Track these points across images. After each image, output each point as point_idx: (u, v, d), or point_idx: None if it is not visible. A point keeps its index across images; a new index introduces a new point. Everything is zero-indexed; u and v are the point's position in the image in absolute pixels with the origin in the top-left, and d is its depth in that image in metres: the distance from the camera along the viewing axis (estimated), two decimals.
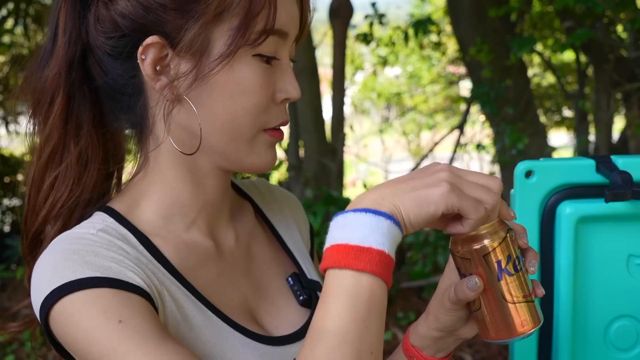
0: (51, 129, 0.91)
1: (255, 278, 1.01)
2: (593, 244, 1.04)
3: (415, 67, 12.81)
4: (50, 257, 0.83)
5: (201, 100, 0.86)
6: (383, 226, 0.73)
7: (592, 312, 1.06)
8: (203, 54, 0.84)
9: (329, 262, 0.73)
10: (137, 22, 0.85)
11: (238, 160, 0.91)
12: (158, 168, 0.93)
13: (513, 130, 5.01)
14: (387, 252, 0.72)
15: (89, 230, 0.87)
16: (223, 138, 0.88)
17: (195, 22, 0.83)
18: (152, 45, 0.85)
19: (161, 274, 0.88)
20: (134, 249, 0.87)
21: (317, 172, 5.60)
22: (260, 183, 1.15)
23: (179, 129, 0.90)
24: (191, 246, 0.94)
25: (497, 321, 0.84)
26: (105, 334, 0.77)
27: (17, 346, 4.22)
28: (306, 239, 1.15)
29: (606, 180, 1.02)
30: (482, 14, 5.38)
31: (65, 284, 0.79)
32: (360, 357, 0.70)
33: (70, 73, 0.89)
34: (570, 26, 5.18)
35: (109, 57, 0.88)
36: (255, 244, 1.05)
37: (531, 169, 1.03)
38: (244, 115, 0.87)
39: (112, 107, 0.92)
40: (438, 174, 0.76)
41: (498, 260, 0.81)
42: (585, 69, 6.50)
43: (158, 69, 0.86)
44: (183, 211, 0.94)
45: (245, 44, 0.84)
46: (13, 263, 5.59)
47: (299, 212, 1.17)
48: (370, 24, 5.56)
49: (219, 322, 0.90)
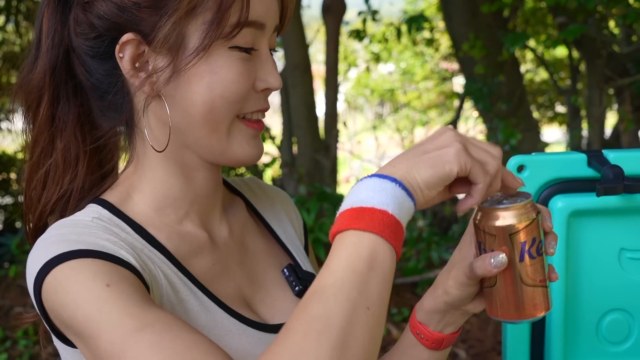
0: (39, 130, 0.94)
1: (249, 269, 1.02)
2: (585, 238, 1.04)
3: (408, 63, 12.82)
4: (43, 242, 0.84)
5: (180, 95, 0.88)
6: (387, 188, 0.72)
7: (584, 305, 1.06)
8: (179, 49, 0.86)
9: (334, 228, 0.73)
10: (112, 21, 0.87)
11: (222, 152, 0.91)
12: (148, 163, 0.95)
13: (506, 126, 5.02)
14: (390, 212, 0.71)
15: (84, 217, 0.89)
16: (204, 130, 0.89)
17: (169, 18, 0.85)
18: (128, 42, 0.87)
19: (157, 259, 0.89)
20: (129, 236, 0.89)
21: (311, 169, 5.60)
22: (250, 181, 1.16)
23: (161, 125, 0.91)
24: (185, 236, 0.95)
25: (509, 301, 0.84)
26: (92, 296, 0.76)
27: (11, 344, 4.21)
28: (300, 233, 1.16)
29: (598, 175, 1.02)
30: (475, 9, 5.39)
31: (55, 256, 0.80)
32: (355, 310, 0.67)
33: (54, 76, 0.93)
34: (563, 22, 5.19)
35: (90, 58, 0.91)
36: (248, 237, 1.06)
37: (523, 164, 1.03)
38: (223, 103, 0.88)
39: (101, 106, 0.94)
40: (447, 137, 0.76)
41: (523, 242, 0.81)
42: (577, 65, 6.52)
43: (137, 66, 0.88)
44: (175, 204, 0.96)
45: (220, 37, 0.86)
46: (5, 261, 5.57)
47: (291, 207, 1.18)
48: (363, 20, 5.56)
49: (214, 307, 0.91)
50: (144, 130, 0.92)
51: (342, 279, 0.69)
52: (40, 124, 0.94)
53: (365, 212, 0.71)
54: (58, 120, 0.94)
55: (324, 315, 0.66)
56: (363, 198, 0.72)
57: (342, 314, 0.67)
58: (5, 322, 4.46)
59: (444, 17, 6.01)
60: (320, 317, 0.66)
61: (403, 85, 13.05)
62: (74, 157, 0.95)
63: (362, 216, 0.71)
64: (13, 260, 5.28)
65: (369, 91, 13.40)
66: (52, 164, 0.95)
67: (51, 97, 0.93)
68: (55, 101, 0.94)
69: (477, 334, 4.05)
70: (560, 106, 9.02)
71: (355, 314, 0.67)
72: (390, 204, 0.72)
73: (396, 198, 0.72)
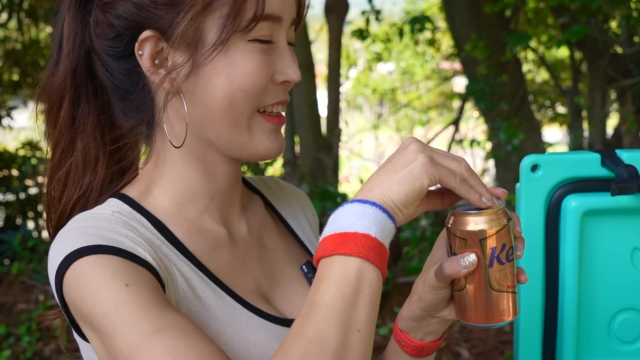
0: (60, 132, 0.96)
1: (268, 266, 1.03)
2: (598, 237, 1.05)
3: (408, 63, 12.82)
4: (64, 234, 0.86)
5: (200, 90, 0.89)
6: (368, 212, 0.75)
7: (597, 304, 1.07)
8: (197, 44, 0.87)
9: (318, 254, 0.76)
10: (130, 20, 0.89)
11: (243, 146, 0.92)
12: (169, 158, 0.96)
13: (508, 126, 5.02)
14: (373, 236, 0.74)
15: (105, 211, 0.90)
16: (224, 124, 0.90)
17: (186, 14, 0.86)
18: (146, 40, 0.89)
19: (174, 256, 0.90)
20: (147, 231, 0.90)
21: (313, 168, 5.61)
22: (268, 179, 1.17)
23: (180, 121, 0.92)
24: (204, 232, 0.96)
25: (478, 305, 0.85)
26: (111, 294, 0.78)
27: (14, 340, 4.21)
28: (316, 231, 1.17)
29: (611, 174, 1.02)
30: (478, 9, 5.39)
31: (76, 249, 0.81)
32: (347, 333, 0.71)
33: (74, 78, 0.94)
34: (565, 22, 5.20)
35: (111, 59, 0.93)
36: (266, 234, 1.07)
37: (537, 163, 1.03)
38: (242, 96, 0.89)
39: (123, 106, 0.96)
40: (411, 151, 0.79)
41: (493, 247, 0.82)
42: (579, 65, 6.52)
43: (157, 63, 0.90)
44: (195, 199, 0.97)
45: (237, 31, 0.87)
46: (7, 258, 5.57)
47: (308, 206, 1.19)
48: (366, 20, 5.56)
49: (232, 302, 0.92)
50: (164, 127, 0.94)
51: (333, 304, 0.72)
52: (61, 126, 0.96)
53: (349, 237, 0.74)
54: (78, 122, 0.96)
55: (319, 339, 0.70)
56: (346, 224, 0.75)
57: (336, 337, 0.70)
58: (9, 319, 4.46)
59: (446, 17, 6.01)
60: (315, 340, 0.70)
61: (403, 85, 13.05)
62: (93, 157, 0.97)
63: (347, 241, 0.74)
64: (15, 257, 5.28)
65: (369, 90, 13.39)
66: (72, 164, 0.97)
67: (72, 99, 0.95)
68: (76, 103, 0.95)
69: (480, 333, 4.06)
70: (561, 107, 9.02)
71: (348, 336, 0.71)
72: (372, 228, 0.74)
73: (378, 221, 0.75)
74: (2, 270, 5.12)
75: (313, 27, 8.25)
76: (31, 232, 5.99)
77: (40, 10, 6.72)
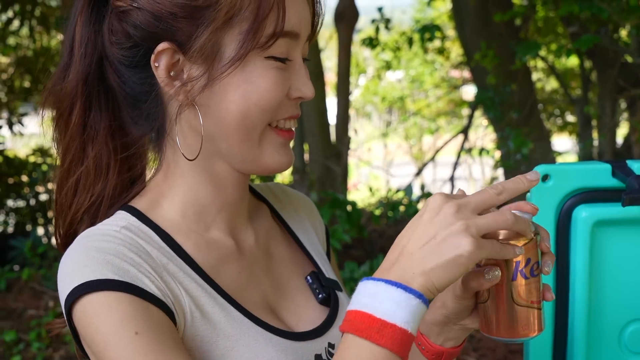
0: (71, 138, 0.95)
1: (274, 277, 1.03)
2: (609, 247, 1.05)
3: (417, 71, 12.83)
4: (73, 255, 0.86)
5: (215, 103, 0.89)
6: (412, 304, 0.74)
7: (607, 315, 1.07)
8: (214, 59, 0.87)
9: (351, 327, 0.75)
10: (148, 31, 0.88)
11: (253, 161, 0.92)
12: (179, 171, 0.96)
13: (518, 135, 5.02)
14: (410, 331, 0.74)
15: (112, 227, 0.90)
16: (236, 138, 0.90)
17: (206, 28, 0.85)
18: (163, 52, 0.88)
19: (181, 273, 0.90)
20: (155, 249, 0.89)
21: (322, 175, 5.61)
22: (275, 187, 1.17)
23: (193, 133, 0.92)
24: (212, 244, 0.96)
25: (500, 319, 0.84)
26: (121, 344, 0.79)
27: (24, 346, 4.22)
28: (322, 239, 1.17)
29: (622, 185, 1.02)
30: (487, 18, 5.39)
31: (85, 282, 0.82)
32: None
33: (86, 84, 0.93)
34: (575, 31, 5.19)
35: (125, 67, 0.91)
36: (273, 244, 1.06)
37: (548, 173, 1.03)
38: (257, 112, 0.89)
39: (132, 114, 0.95)
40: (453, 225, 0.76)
41: (518, 261, 0.81)
42: (589, 74, 6.51)
43: (172, 75, 0.89)
44: (204, 211, 0.97)
45: (256, 47, 0.86)
46: (16, 264, 5.59)
47: (314, 213, 1.19)
48: (376, 28, 5.57)
49: (240, 317, 0.92)
50: (176, 138, 0.93)
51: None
52: (72, 132, 0.95)
53: (387, 328, 0.73)
54: (89, 129, 0.95)
55: None
56: (386, 310, 0.74)
57: None
58: (19, 325, 4.47)
59: (455, 25, 6.03)
60: None
61: (412, 93, 13.05)
62: (105, 164, 0.96)
63: (384, 332, 0.73)
64: (25, 263, 5.30)
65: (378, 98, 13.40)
66: (83, 172, 0.96)
67: (83, 105, 0.94)
68: (88, 109, 0.94)
69: (489, 342, 4.05)
70: (570, 115, 9.00)
71: None
72: (411, 322, 0.74)
73: (418, 314, 0.74)
74: (12, 276, 5.14)
75: (323, 35, 8.27)
76: (41, 238, 6.02)
77: (52, 18, 6.77)
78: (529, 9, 5.49)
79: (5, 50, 7.22)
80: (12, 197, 6.76)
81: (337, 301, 1.05)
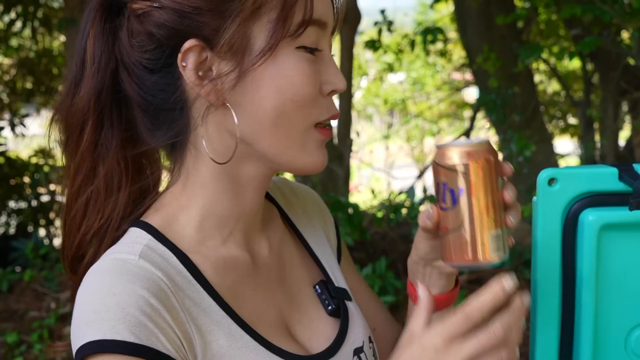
0: (82, 157, 0.90)
1: (288, 287, 1.00)
2: (615, 251, 1.05)
3: (419, 73, 12.84)
4: (92, 297, 0.81)
5: (248, 101, 0.85)
6: None
7: (614, 319, 1.06)
8: (244, 52, 0.83)
9: None
10: (173, 28, 0.83)
11: (290, 161, 0.89)
12: (200, 180, 0.91)
13: (520, 138, 5.02)
14: None
15: (130, 255, 0.84)
16: (274, 137, 0.87)
17: (233, 20, 0.82)
18: (190, 49, 0.83)
19: (196, 308, 0.85)
20: (172, 274, 0.85)
21: (324, 178, 5.61)
22: (282, 184, 1.13)
23: (224, 135, 0.88)
24: (229, 262, 0.92)
25: (462, 243, 0.85)
26: None
27: (26, 348, 4.22)
28: (332, 234, 1.14)
29: (629, 189, 1.02)
30: (489, 21, 5.40)
31: (100, 341, 0.78)
32: None
33: (99, 100, 0.88)
34: (578, 34, 5.20)
35: (147, 72, 0.87)
36: (285, 251, 1.03)
37: (554, 177, 1.03)
38: (294, 108, 0.85)
39: (151, 124, 0.90)
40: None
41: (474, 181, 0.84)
42: (591, 77, 6.51)
43: (201, 74, 0.84)
44: (221, 223, 0.93)
45: (286, 36, 0.83)
46: (18, 265, 5.60)
47: (322, 208, 1.15)
48: (378, 30, 5.57)
49: (256, 346, 0.88)
50: (202, 142, 0.88)
51: None
52: (83, 152, 0.90)
53: None
54: (101, 147, 0.90)
55: None
56: None
57: None
58: (21, 326, 4.47)
59: (458, 28, 6.03)
60: None
61: (413, 95, 13.06)
62: (116, 183, 0.91)
63: None
64: (27, 264, 5.30)
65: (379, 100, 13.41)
66: (93, 192, 0.90)
67: (95, 123, 0.89)
68: (100, 127, 0.89)
69: None
70: (572, 118, 9.00)
71: None
72: None
73: None
74: (14, 277, 5.13)
75: None
76: (43, 239, 6.02)
77: (55, 19, 6.78)
78: (531, 11, 5.49)
79: (7, 51, 7.24)
80: (14, 199, 6.77)
81: (346, 313, 1.02)
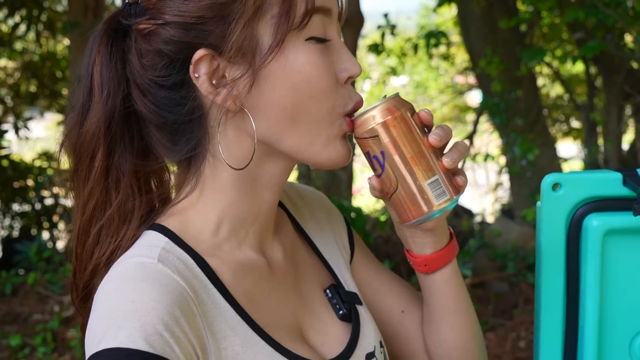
0: (93, 185, 0.89)
1: (300, 290, 0.99)
2: (619, 256, 1.05)
3: (422, 76, 12.83)
4: (109, 303, 0.80)
5: (266, 101, 0.85)
6: None
7: (618, 325, 1.06)
8: (254, 53, 0.83)
9: None
10: (180, 42, 0.84)
11: (314, 156, 0.89)
12: (219, 186, 0.90)
13: (523, 141, 5.01)
14: None
15: (149, 259, 0.83)
16: (296, 134, 0.87)
17: (237, 23, 0.82)
18: (201, 59, 0.84)
19: (211, 312, 0.85)
20: (190, 278, 0.84)
21: (327, 181, 5.61)
22: (289, 189, 1.12)
23: (242, 140, 0.88)
24: (246, 265, 0.92)
25: (413, 198, 0.88)
26: None
27: (29, 351, 4.23)
28: (343, 234, 1.13)
29: (633, 194, 1.02)
30: (493, 24, 5.40)
31: (115, 349, 0.76)
32: None
33: (110, 127, 0.87)
34: (581, 38, 5.19)
35: (161, 89, 0.87)
36: (297, 254, 1.03)
37: (558, 182, 1.03)
38: (314, 103, 0.85)
39: (168, 140, 0.90)
40: None
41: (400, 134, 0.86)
42: (594, 80, 6.51)
43: (214, 82, 0.84)
44: (238, 226, 0.92)
45: (292, 29, 0.83)
46: (22, 268, 5.61)
47: (330, 209, 1.15)
48: (382, 34, 5.58)
49: (271, 352, 0.87)
50: (219, 149, 0.88)
51: None
52: (95, 179, 0.88)
53: None
54: (113, 172, 0.89)
55: None
56: None
57: None
58: (24, 329, 4.48)
59: (461, 32, 6.03)
60: None
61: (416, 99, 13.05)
62: (130, 208, 0.90)
63: None
64: (31, 267, 5.31)
65: None
66: (106, 219, 0.89)
67: (107, 149, 0.88)
68: (111, 153, 0.88)
69: (495, 350, 4.04)
70: (575, 121, 8.99)
71: None
72: None
73: None
74: (18, 280, 5.14)
75: None
76: (46, 242, 6.04)
77: (59, 23, 6.81)
78: (534, 15, 5.49)
79: (11, 54, 7.27)
80: (18, 202, 6.79)
81: (357, 318, 1.02)
